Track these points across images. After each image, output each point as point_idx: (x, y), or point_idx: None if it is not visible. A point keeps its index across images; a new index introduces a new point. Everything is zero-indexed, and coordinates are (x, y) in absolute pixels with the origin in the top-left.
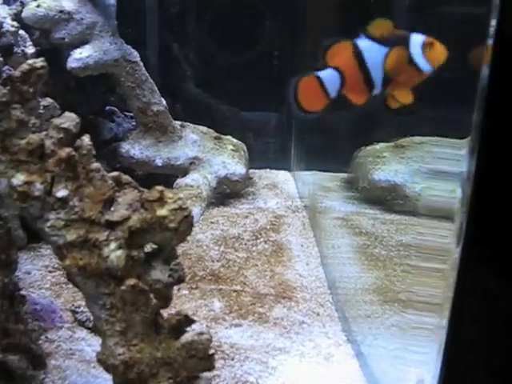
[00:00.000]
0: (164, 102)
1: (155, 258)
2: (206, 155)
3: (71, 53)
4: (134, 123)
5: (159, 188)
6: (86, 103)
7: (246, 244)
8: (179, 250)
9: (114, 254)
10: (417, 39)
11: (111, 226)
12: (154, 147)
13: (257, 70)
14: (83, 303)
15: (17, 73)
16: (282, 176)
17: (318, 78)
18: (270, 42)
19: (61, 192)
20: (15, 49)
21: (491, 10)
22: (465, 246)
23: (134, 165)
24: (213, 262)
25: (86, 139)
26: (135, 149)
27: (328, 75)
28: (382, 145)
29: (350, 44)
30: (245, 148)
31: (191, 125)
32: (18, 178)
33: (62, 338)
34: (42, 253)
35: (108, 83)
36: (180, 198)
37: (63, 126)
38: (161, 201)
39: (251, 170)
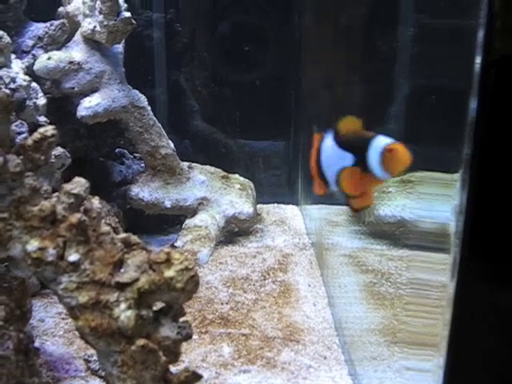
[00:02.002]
0: (172, 145)
1: (164, 315)
2: (214, 195)
3: (81, 101)
4: (143, 164)
5: (166, 250)
6: (96, 148)
7: (254, 285)
8: None
9: (124, 314)
10: (377, 145)
11: (121, 287)
12: (162, 189)
13: (263, 101)
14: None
15: (29, 141)
16: (289, 211)
17: None
18: (276, 73)
19: (73, 256)
20: (27, 102)
21: (476, 51)
22: (460, 280)
23: (144, 207)
24: (222, 304)
25: (95, 202)
26: (144, 191)
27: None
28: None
29: (318, 138)
30: (252, 186)
31: (199, 165)
32: (32, 245)
33: None
34: (55, 299)
35: (117, 128)
36: (186, 259)
37: (74, 191)
38: (168, 262)
39: (259, 206)
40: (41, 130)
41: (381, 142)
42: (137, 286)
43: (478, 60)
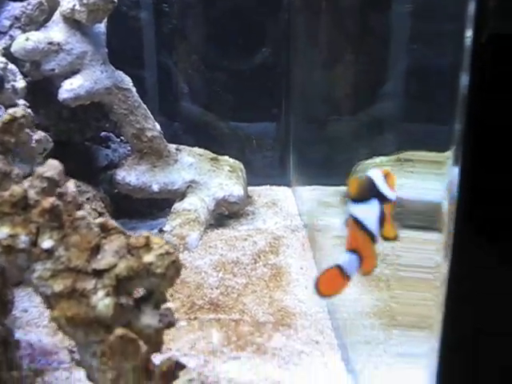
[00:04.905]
0: (158, 127)
1: (145, 302)
2: (203, 178)
3: (62, 84)
4: (129, 148)
5: (145, 234)
6: (80, 131)
7: (245, 268)
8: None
9: (102, 302)
10: (377, 176)
11: (98, 274)
12: (149, 173)
13: (253, 83)
14: None
15: None
16: (281, 193)
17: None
18: (267, 55)
19: (46, 243)
20: (5, 84)
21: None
22: (453, 259)
23: (131, 191)
24: (212, 289)
25: (71, 186)
26: (131, 175)
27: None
28: (382, 158)
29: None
30: (242, 167)
31: (187, 147)
32: (2, 232)
33: (58, 380)
34: None
35: (101, 111)
36: (166, 243)
37: (46, 175)
38: (147, 247)
39: (251, 188)
40: (10, 110)
41: (376, 172)
42: (115, 272)
43: (470, 33)
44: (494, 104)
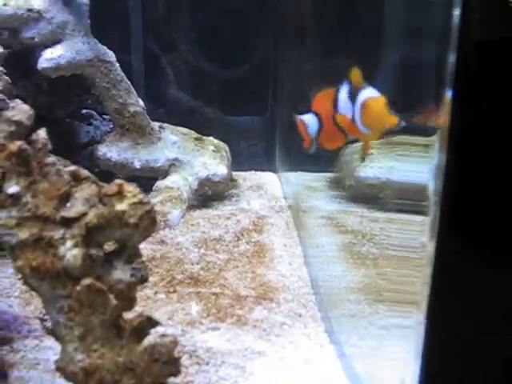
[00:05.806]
0: (141, 103)
1: (116, 256)
2: (187, 156)
3: (42, 53)
4: (112, 126)
5: (118, 181)
6: (61, 106)
7: (227, 245)
8: (158, 253)
9: (71, 252)
10: (360, 98)
11: (67, 223)
12: (132, 149)
13: (242, 75)
14: None
15: None
16: (267, 177)
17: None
18: (255, 48)
19: (12, 188)
20: None
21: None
22: (439, 240)
23: (112, 168)
24: (192, 264)
25: (42, 133)
26: (112, 151)
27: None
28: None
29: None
30: (227, 148)
31: (171, 126)
32: None
33: (27, 348)
34: None
35: (83, 85)
36: (141, 192)
37: (15, 118)
38: (120, 195)
39: (236, 173)
40: None
41: (364, 94)
42: (85, 221)
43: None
44: (481, 88)
